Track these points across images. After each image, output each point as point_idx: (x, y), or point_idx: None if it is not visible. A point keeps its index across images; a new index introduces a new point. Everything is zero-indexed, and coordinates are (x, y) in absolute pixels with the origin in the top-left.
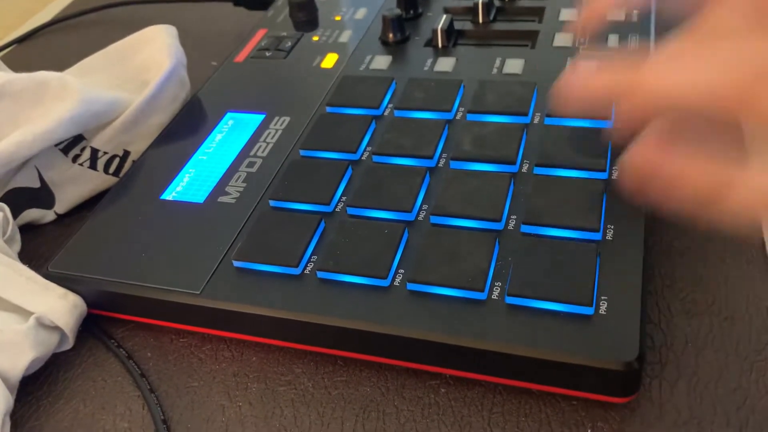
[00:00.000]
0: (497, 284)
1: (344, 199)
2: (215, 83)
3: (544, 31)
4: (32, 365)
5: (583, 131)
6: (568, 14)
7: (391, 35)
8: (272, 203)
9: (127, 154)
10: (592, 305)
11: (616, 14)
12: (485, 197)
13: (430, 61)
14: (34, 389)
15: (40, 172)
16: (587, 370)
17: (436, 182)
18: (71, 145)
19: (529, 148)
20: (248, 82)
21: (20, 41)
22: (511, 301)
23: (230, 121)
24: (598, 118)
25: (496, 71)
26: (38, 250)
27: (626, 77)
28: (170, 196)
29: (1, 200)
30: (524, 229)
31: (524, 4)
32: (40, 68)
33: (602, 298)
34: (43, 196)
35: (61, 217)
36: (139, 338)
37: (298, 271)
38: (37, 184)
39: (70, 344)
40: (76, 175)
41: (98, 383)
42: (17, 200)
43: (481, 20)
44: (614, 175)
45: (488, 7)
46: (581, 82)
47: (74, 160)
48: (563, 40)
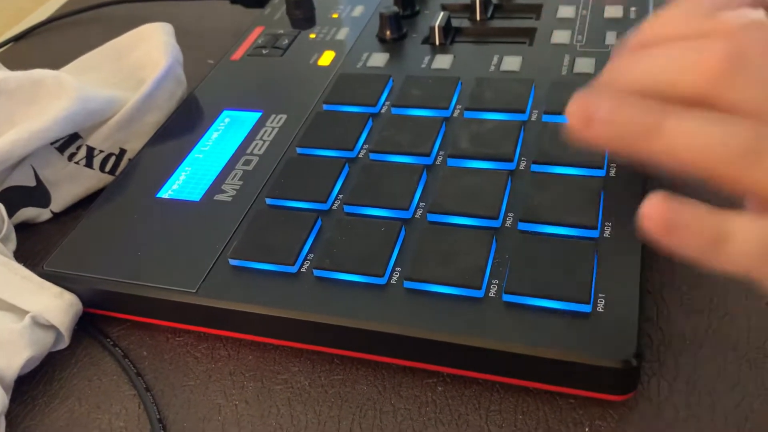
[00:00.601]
0: (494, 282)
1: (341, 196)
2: (212, 81)
3: (541, 28)
4: (28, 364)
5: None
6: (565, 11)
7: (388, 32)
8: (269, 201)
9: (123, 152)
10: (589, 303)
11: (613, 11)
12: (482, 195)
13: (427, 58)
14: (29, 388)
15: (35, 170)
16: (585, 368)
17: (433, 180)
18: (67, 143)
19: (526, 145)
20: (245, 79)
21: (16, 39)
22: (508, 298)
23: (227, 119)
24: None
25: (493, 68)
26: (34, 248)
27: (636, 127)
28: (166, 194)
29: None
30: (522, 226)
31: (522, 1)
32: (36, 66)
33: (600, 295)
34: (38, 194)
35: (56, 215)
36: (134, 337)
37: (294, 269)
38: (32, 182)
39: (65, 343)
40: (71, 173)
41: (94, 382)
42: (13, 199)
43: (478, 17)
44: (612, 172)
45: (486, 4)
46: (590, 126)
47: (70, 158)
48: (561, 37)
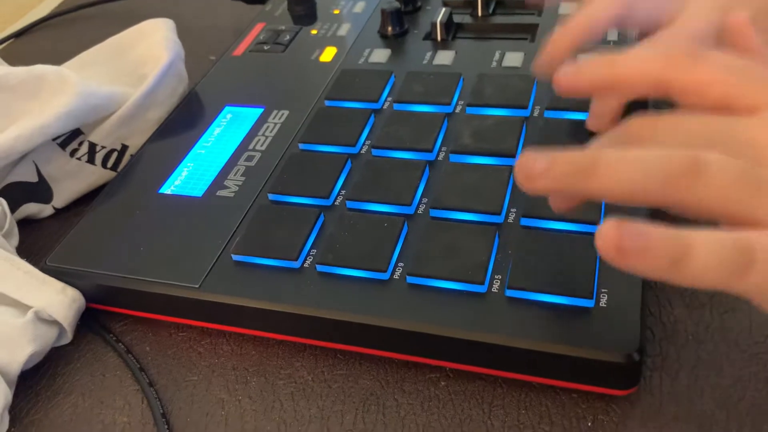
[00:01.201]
0: (497, 277)
1: (343, 192)
2: (213, 77)
3: (543, 24)
4: (31, 359)
5: (583, 123)
6: (567, 7)
7: (389, 28)
8: (271, 197)
9: (125, 148)
10: (592, 298)
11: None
12: (485, 190)
13: (429, 54)
14: (32, 383)
15: (38, 166)
16: (588, 362)
17: (435, 175)
18: (69, 139)
19: (528, 141)
20: (246, 75)
21: (18, 35)
22: (511, 293)
23: (229, 114)
24: None
25: (495, 64)
26: (36, 244)
27: (574, 169)
28: (168, 190)
29: None
30: (524, 222)
31: None
32: (37, 62)
33: (602, 290)
34: (41, 190)
35: (59, 211)
36: (137, 332)
37: (297, 264)
38: (35, 178)
39: (68, 338)
40: (74, 169)
41: (97, 377)
42: (15, 194)
43: (480, 13)
44: None
45: (487, 0)
46: (533, 173)
47: (72, 154)
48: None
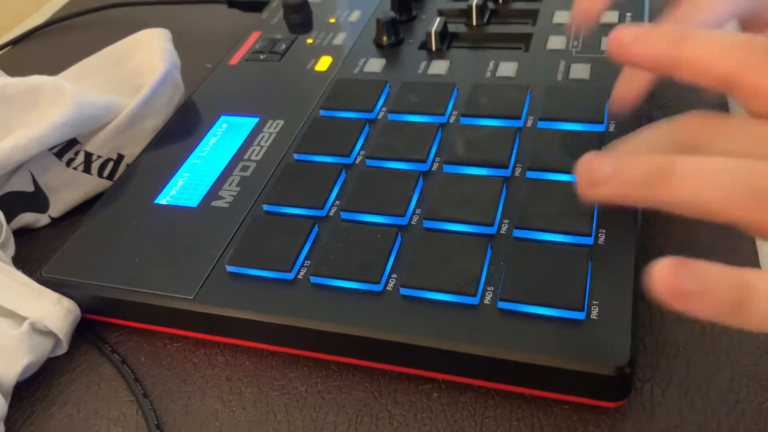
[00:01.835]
0: (489, 289)
1: (338, 203)
2: (209, 86)
3: (537, 33)
4: (26, 370)
5: (576, 135)
6: (562, 17)
7: (385, 38)
8: (266, 207)
9: (121, 157)
10: (583, 310)
11: (609, 16)
12: (478, 201)
13: (423, 64)
14: (28, 394)
15: (34, 176)
16: (579, 375)
17: (429, 186)
18: (65, 149)
19: (522, 151)
20: (242, 84)
21: (14, 43)
22: (503, 306)
23: (224, 124)
24: None
25: (489, 74)
26: (32, 254)
27: (645, 179)
28: (164, 200)
29: None
30: (517, 233)
31: (518, 6)
32: (34, 70)
33: (594, 302)
34: (37, 200)
35: (55, 221)
36: (133, 343)
37: (291, 276)
38: (31, 188)
39: (64, 349)
40: (70, 179)
41: (92, 388)
42: (11, 204)
43: (474, 23)
44: None
45: (482, 9)
46: (600, 175)
47: (68, 164)
48: (557, 43)
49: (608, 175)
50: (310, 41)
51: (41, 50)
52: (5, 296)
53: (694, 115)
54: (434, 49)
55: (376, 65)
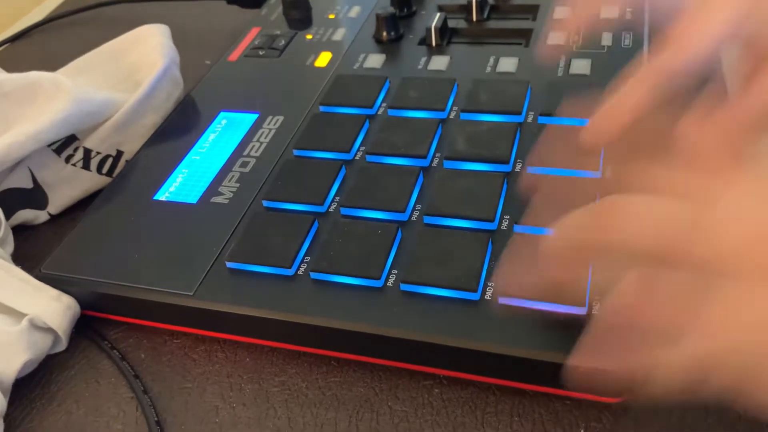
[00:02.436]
0: (490, 285)
1: (337, 199)
2: (208, 82)
3: (538, 29)
4: (25, 367)
5: (577, 130)
6: (562, 12)
7: (384, 34)
8: (265, 203)
9: (120, 154)
10: (585, 305)
11: (609, 11)
12: (479, 197)
13: (423, 59)
14: (27, 391)
15: (32, 172)
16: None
17: (429, 182)
18: (64, 145)
19: (522, 147)
20: (242, 81)
21: (12, 40)
22: (504, 301)
23: (223, 120)
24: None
25: (490, 70)
26: (31, 251)
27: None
28: (163, 196)
29: None
30: (517, 229)
31: (518, 2)
32: (32, 67)
33: (596, 298)
34: (36, 196)
35: (54, 217)
36: (132, 339)
37: (291, 272)
38: (30, 184)
39: (63, 346)
40: (69, 175)
41: (92, 385)
42: (10, 201)
43: (475, 18)
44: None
45: (482, 5)
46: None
47: (67, 160)
48: (557, 38)
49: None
50: (309, 37)
51: (40, 47)
52: (4, 293)
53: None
54: (434, 44)
55: (375, 61)
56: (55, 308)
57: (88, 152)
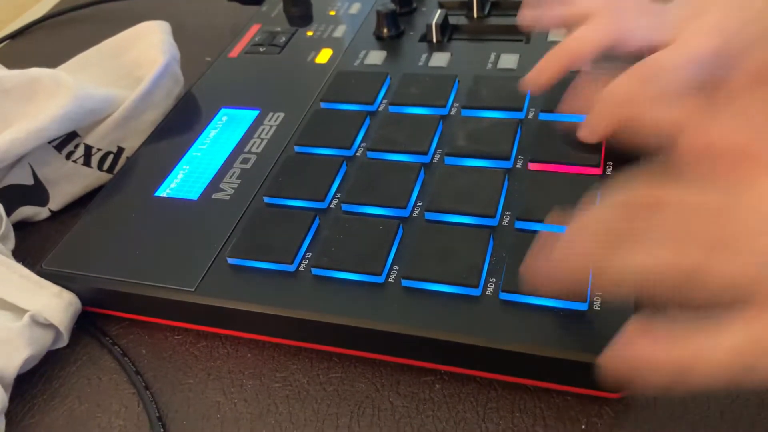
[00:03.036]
0: (491, 280)
1: (339, 195)
2: (209, 79)
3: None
4: (27, 363)
5: (578, 127)
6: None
7: (385, 30)
8: (267, 200)
9: (121, 150)
10: (586, 301)
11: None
12: (480, 193)
13: (424, 56)
14: (29, 387)
15: (33, 169)
16: (581, 365)
17: (430, 178)
18: (65, 142)
19: (523, 143)
20: (242, 77)
21: (13, 37)
22: (505, 297)
23: (224, 117)
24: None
25: (490, 66)
26: (32, 247)
27: (589, 264)
28: (164, 193)
29: None
30: (519, 224)
31: None
32: (33, 64)
33: (596, 294)
34: (37, 193)
35: (55, 214)
36: (134, 336)
37: (292, 267)
38: (30, 181)
39: (64, 342)
40: (70, 172)
41: (93, 381)
42: (11, 197)
43: (475, 15)
44: (608, 170)
45: (483, 1)
46: (545, 268)
47: (68, 157)
48: (558, 34)
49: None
50: (310, 34)
51: (40, 44)
52: (6, 289)
53: (639, 193)
54: (435, 41)
55: (376, 57)
56: (56, 304)
57: (89, 149)
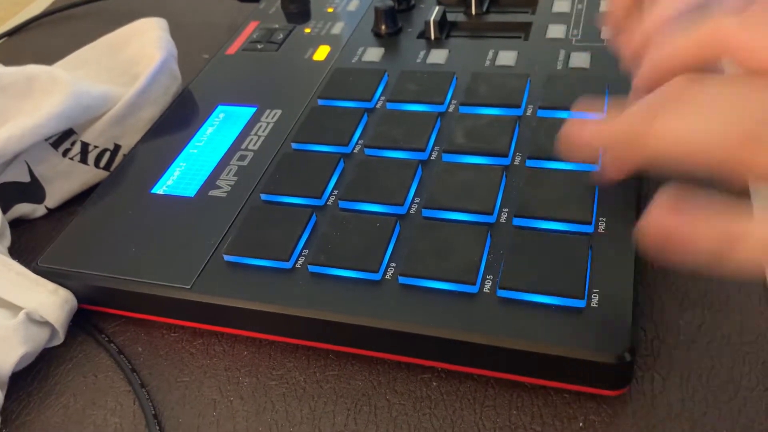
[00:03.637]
0: (489, 277)
1: (336, 192)
2: (206, 76)
3: (537, 22)
4: (22, 361)
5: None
6: (561, 6)
7: (383, 27)
8: (263, 197)
9: (117, 147)
10: (584, 298)
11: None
12: (477, 190)
13: (422, 53)
14: (24, 385)
15: (30, 166)
16: (579, 363)
17: (428, 175)
18: (61, 139)
19: (521, 140)
20: (240, 74)
21: (10, 34)
22: (503, 294)
23: (221, 114)
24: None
25: (489, 63)
26: (28, 245)
27: (630, 128)
28: (161, 190)
29: None
30: (516, 222)
31: None
32: (30, 61)
33: (594, 290)
34: (33, 190)
35: (51, 211)
36: (130, 333)
37: (289, 265)
38: (27, 178)
39: (60, 339)
40: (66, 169)
41: (89, 378)
42: (7, 195)
43: (474, 12)
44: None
45: None
46: (585, 132)
47: (64, 154)
48: (556, 31)
49: (594, 126)
50: (307, 31)
51: (38, 41)
52: (1, 286)
53: (683, 77)
54: (433, 38)
55: (374, 54)
56: (52, 302)
57: (85, 146)
